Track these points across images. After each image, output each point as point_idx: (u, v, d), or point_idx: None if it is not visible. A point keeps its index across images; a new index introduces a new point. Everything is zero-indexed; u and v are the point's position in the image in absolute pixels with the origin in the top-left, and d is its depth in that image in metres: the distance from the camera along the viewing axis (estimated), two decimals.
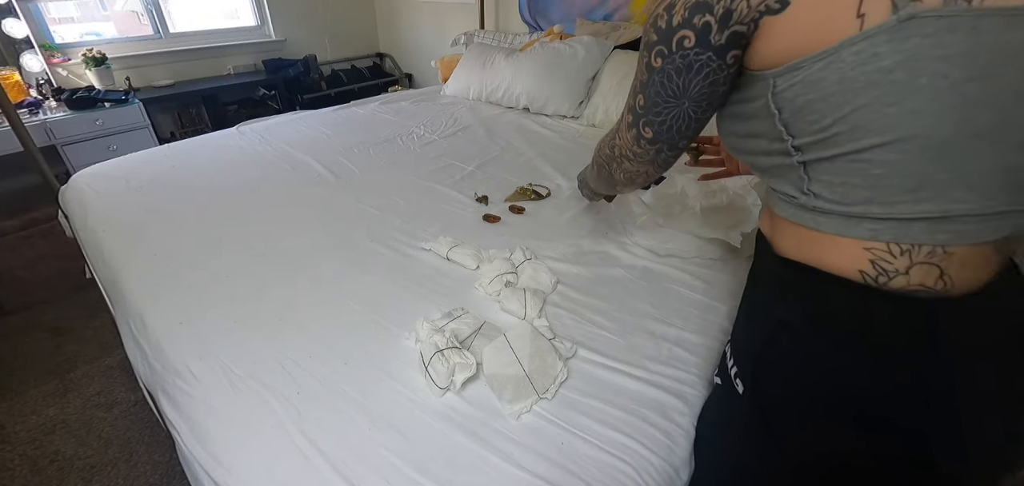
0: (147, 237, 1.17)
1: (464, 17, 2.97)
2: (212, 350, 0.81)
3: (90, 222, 1.28)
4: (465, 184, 1.42)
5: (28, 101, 2.39)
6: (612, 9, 2.25)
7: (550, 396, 0.71)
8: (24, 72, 2.50)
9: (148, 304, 0.95)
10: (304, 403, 0.71)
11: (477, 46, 2.43)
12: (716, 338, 0.84)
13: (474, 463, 0.63)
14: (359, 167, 1.55)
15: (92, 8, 2.78)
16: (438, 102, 2.29)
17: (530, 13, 2.59)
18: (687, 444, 0.68)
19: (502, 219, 1.21)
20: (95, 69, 2.58)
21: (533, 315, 0.85)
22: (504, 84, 2.14)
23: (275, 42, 3.31)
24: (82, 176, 1.51)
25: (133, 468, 1.31)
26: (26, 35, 2.43)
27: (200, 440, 0.69)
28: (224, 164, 1.60)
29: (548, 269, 0.98)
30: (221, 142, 1.80)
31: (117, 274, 1.07)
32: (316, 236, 1.16)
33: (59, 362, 1.65)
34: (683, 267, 1.01)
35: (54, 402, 1.50)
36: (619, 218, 1.18)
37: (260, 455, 0.65)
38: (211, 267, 1.04)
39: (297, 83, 3.22)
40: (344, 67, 3.61)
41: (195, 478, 0.68)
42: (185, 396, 0.75)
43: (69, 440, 1.39)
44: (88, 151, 2.41)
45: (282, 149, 1.71)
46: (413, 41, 3.57)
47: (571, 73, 1.99)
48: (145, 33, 2.93)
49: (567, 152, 1.65)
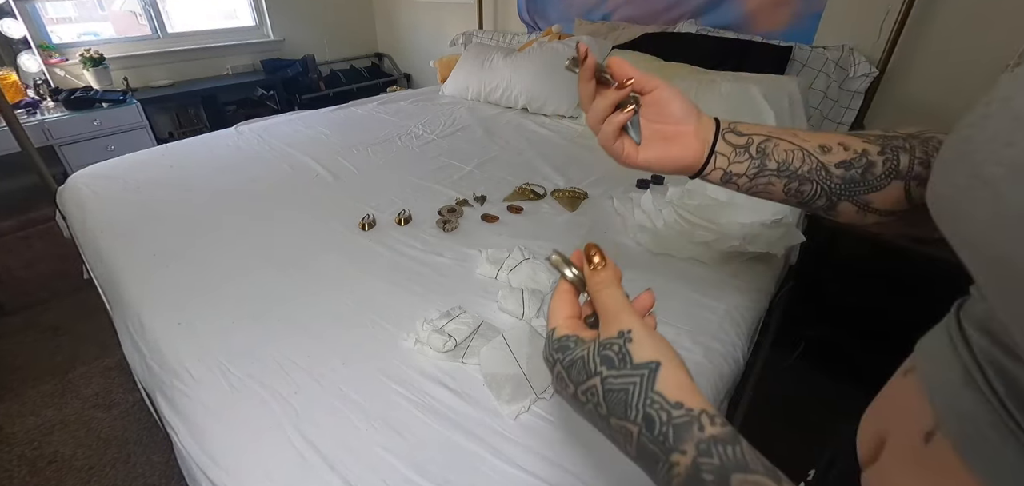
0: (145, 237, 1.17)
1: (463, 17, 2.97)
2: (210, 351, 0.81)
3: (88, 222, 1.27)
4: (464, 184, 1.42)
5: (26, 101, 2.38)
6: (611, 9, 2.25)
7: (548, 396, 0.71)
8: (21, 72, 2.49)
9: (146, 305, 0.95)
10: (302, 403, 0.71)
11: (476, 46, 2.43)
12: (715, 337, 0.84)
13: (472, 463, 0.63)
14: (358, 167, 1.55)
15: (90, 8, 2.77)
16: (437, 102, 2.29)
17: (528, 13, 2.59)
18: None
19: (500, 219, 1.21)
20: (93, 69, 2.58)
21: (531, 315, 0.85)
22: (503, 84, 2.14)
23: (273, 42, 3.31)
24: (80, 176, 1.50)
25: (131, 469, 1.31)
26: (24, 35, 2.43)
27: (198, 441, 0.69)
28: (222, 164, 1.59)
29: (546, 269, 0.98)
30: (219, 142, 1.80)
31: (115, 275, 1.07)
32: (314, 236, 1.15)
33: (57, 363, 1.64)
34: (682, 267, 1.01)
35: (52, 403, 1.50)
36: (618, 218, 1.18)
37: (258, 456, 0.65)
38: (209, 268, 1.04)
39: (295, 83, 3.22)
40: (342, 67, 3.61)
41: (193, 479, 0.67)
42: (183, 397, 0.75)
43: (67, 441, 1.38)
44: (86, 151, 2.40)
45: (280, 149, 1.71)
46: (412, 41, 3.56)
47: (570, 73, 1.98)
48: (143, 33, 2.92)
49: (566, 152, 1.65)
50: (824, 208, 0.45)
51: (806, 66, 1.68)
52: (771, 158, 0.45)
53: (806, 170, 0.44)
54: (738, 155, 0.46)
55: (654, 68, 1.81)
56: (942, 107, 1.52)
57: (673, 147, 0.47)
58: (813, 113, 1.65)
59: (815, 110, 1.66)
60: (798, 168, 0.44)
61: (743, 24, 1.88)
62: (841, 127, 1.66)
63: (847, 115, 1.64)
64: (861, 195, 0.43)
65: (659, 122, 0.47)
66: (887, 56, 1.54)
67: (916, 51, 1.53)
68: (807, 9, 1.71)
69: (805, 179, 0.44)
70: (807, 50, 1.69)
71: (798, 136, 0.46)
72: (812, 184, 0.44)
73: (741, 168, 0.46)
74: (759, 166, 0.46)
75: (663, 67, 1.81)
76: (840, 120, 1.65)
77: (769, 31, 1.82)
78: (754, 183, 0.46)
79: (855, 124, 1.64)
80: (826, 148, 0.44)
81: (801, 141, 0.45)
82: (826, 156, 0.44)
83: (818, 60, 1.65)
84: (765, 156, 0.45)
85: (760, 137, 0.46)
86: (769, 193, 0.47)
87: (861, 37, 1.61)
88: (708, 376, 0.78)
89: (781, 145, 0.45)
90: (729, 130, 0.47)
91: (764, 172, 0.46)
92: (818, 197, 0.45)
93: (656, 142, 0.48)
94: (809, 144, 0.45)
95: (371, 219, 1.20)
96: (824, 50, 1.65)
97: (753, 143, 0.46)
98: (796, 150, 0.45)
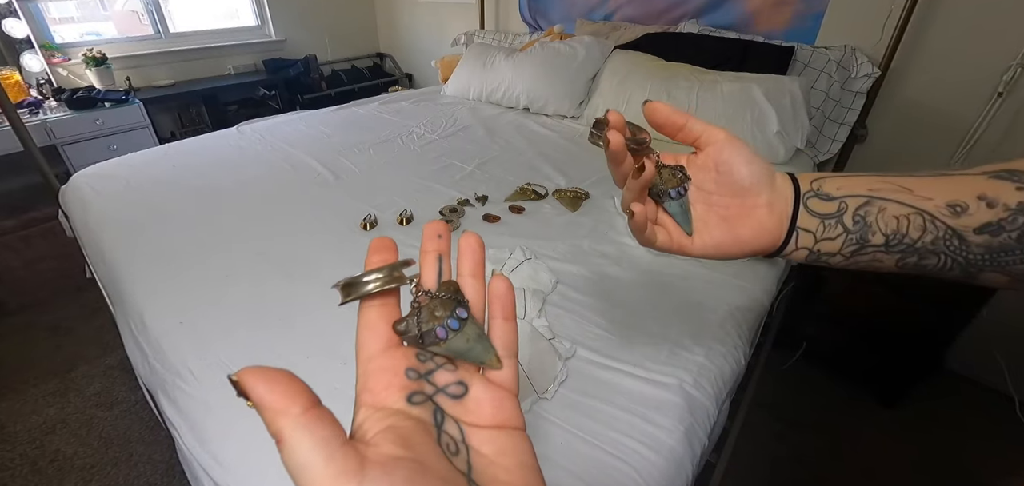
0: (147, 237, 1.17)
1: (464, 17, 2.97)
2: (212, 350, 0.81)
3: (90, 222, 1.28)
4: (465, 184, 1.42)
5: (28, 101, 2.39)
6: (612, 9, 2.25)
7: (549, 396, 0.71)
8: (24, 72, 2.50)
9: (148, 304, 0.95)
10: None
11: (477, 46, 2.43)
12: (716, 338, 0.84)
13: None
14: (359, 167, 1.55)
15: (92, 8, 2.78)
16: (438, 102, 2.29)
17: (530, 13, 2.59)
18: (687, 443, 0.68)
19: (502, 219, 1.21)
20: (95, 69, 2.58)
21: (533, 315, 0.85)
22: (504, 84, 2.14)
23: (275, 42, 3.31)
24: (82, 176, 1.51)
25: (133, 468, 1.31)
26: (26, 35, 2.43)
27: (200, 439, 0.69)
28: (224, 164, 1.60)
29: (548, 269, 0.98)
30: (221, 142, 1.80)
31: (117, 274, 1.07)
32: (316, 236, 1.16)
33: (59, 362, 1.65)
34: (682, 267, 1.01)
35: (54, 402, 1.50)
36: (619, 218, 1.18)
37: (259, 454, 0.65)
38: (211, 267, 1.05)
39: (297, 83, 3.22)
40: (344, 67, 3.61)
41: (195, 477, 0.68)
42: (185, 396, 0.75)
43: (69, 440, 1.39)
44: (88, 151, 2.41)
45: (282, 149, 1.71)
46: (413, 41, 3.57)
47: (571, 73, 1.99)
48: (145, 33, 2.93)
49: (567, 152, 1.65)
50: (958, 279, 0.33)
51: (808, 66, 1.68)
52: (875, 229, 0.32)
53: (929, 241, 0.31)
54: (828, 229, 0.33)
55: (656, 68, 1.81)
56: (945, 107, 1.51)
57: (741, 228, 0.35)
58: (815, 113, 1.64)
59: (817, 110, 1.66)
60: (917, 240, 0.31)
61: (745, 24, 1.88)
62: (843, 128, 1.65)
63: (849, 115, 1.63)
64: (1020, 264, 0.30)
65: (720, 193, 0.35)
66: (889, 56, 1.54)
67: (918, 51, 1.53)
68: (809, 9, 1.71)
69: (928, 252, 0.32)
70: (809, 50, 1.68)
71: (913, 190, 0.32)
72: (939, 257, 0.32)
73: (833, 245, 0.34)
74: (859, 240, 0.33)
75: (664, 67, 1.81)
76: (842, 120, 1.65)
77: (771, 31, 1.82)
78: (853, 262, 0.34)
79: (857, 124, 1.64)
80: (960, 207, 0.30)
81: (919, 199, 0.31)
82: (960, 219, 0.30)
83: (820, 60, 1.65)
84: (867, 228, 0.32)
85: (858, 199, 0.33)
86: (875, 269, 0.34)
87: (863, 37, 1.60)
88: (709, 376, 0.77)
89: (889, 209, 0.32)
90: (813, 193, 0.34)
91: (866, 248, 0.33)
92: (949, 269, 0.32)
93: (716, 224, 0.35)
94: (932, 203, 0.31)
95: (373, 219, 1.20)
96: (826, 50, 1.65)
97: (847, 209, 0.33)
98: (912, 215, 0.31)
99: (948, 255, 0.31)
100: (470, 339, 0.24)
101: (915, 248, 0.32)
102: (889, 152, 1.68)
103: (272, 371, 0.19)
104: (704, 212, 0.36)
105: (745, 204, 0.34)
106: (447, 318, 0.23)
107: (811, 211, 0.34)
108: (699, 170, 0.36)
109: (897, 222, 0.32)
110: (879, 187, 0.33)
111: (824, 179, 0.34)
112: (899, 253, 0.32)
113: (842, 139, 1.66)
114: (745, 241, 0.35)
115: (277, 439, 0.18)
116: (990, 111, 1.41)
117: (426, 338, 0.23)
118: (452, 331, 0.23)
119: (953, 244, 0.31)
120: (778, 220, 0.34)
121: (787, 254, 0.35)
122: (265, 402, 0.18)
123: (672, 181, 0.35)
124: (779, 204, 0.34)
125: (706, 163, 0.35)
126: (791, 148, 1.52)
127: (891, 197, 0.32)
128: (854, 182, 0.33)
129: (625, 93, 1.81)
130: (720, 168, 0.34)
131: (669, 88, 1.71)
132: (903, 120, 1.62)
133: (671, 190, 0.35)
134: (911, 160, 1.61)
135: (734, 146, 0.34)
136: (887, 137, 1.69)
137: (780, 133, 1.50)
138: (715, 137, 0.34)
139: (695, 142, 0.35)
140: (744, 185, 0.34)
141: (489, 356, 0.24)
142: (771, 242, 0.35)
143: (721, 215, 0.35)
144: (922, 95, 1.56)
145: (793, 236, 0.34)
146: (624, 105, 1.79)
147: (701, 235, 0.36)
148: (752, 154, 0.34)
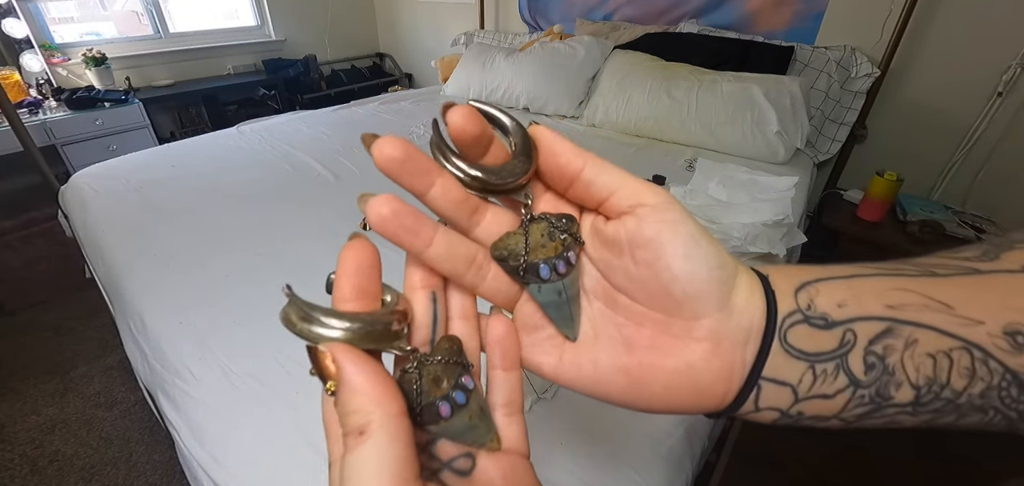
0: (147, 237, 1.17)
1: (464, 17, 2.97)
2: (211, 350, 0.81)
3: (90, 222, 1.28)
4: None
5: (28, 101, 2.39)
6: (612, 9, 2.25)
7: (549, 397, 0.71)
8: (24, 72, 2.50)
9: (148, 304, 0.95)
10: (303, 403, 0.71)
11: (477, 46, 2.43)
12: None
13: None
14: (359, 167, 1.55)
15: (92, 8, 2.78)
16: (438, 102, 2.29)
17: (530, 13, 2.59)
18: (687, 443, 0.68)
19: None
20: (95, 69, 2.58)
21: None
22: (504, 84, 2.14)
23: (275, 42, 3.31)
24: (82, 176, 1.51)
25: (133, 468, 1.31)
26: (26, 35, 2.43)
27: (199, 440, 0.69)
28: (224, 164, 1.60)
29: None
30: (221, 142, 1.80)
31: (116, 274, 1.07)
32: (316, 236, 1.16)
33: (59, 362, 1.65)
34: None
35: (54, 402, 1.50)
36: None
37: (259, 454, 0.65)
38: (211, 267, 1.04)
39: (297, 83, 3.22)
40: (344, 67, 3.61)
41: (194, 478, 0.68)
42: (184, 396, 0.75)
43: (69, 440, 1.39)
44: (88, 151, 2.41)
45: (282, 149, 1.71)
46: (413, 41, 3.57)
47: (571, 73, 1.99)
48: (145, 33, 2.93)
49: None
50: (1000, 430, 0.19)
51: (808, 66, 1.68)
52: (902, 378, 0.18)
53: (978, 392, 0.18)
54: (823, 380, 0.19)
55: (656, 68, 1.81)
56: (945, 107, 1.51)
57: (652, 370, 0.20)
58: (815, 113, 1.65)
59: (817, 110, 1.66)
60: (961, 392, 0.18)
61: (744, 24, 1.88)
62: (843, 128, 1.65)
63: (849, 115, 1.63)
64: None
65: (632, 296, 0.20)
66: (889, 56, 1.54)
67: (918, 51, 1.53)
68: (809, 9, 1.71)
69: (972, 410, 0.18)
70: (809, 50, 1.69)
71: (954, 306, 0.18)
72: (986, 413, 0.18)
73: (830, 405, 0.19)
74: (875, 397, 0.19)
75: (664, 67, 1.80)
76: (842, 120, 1.65)
77: (771, 31, 1.82)
78: (857, 426, 0.20)
79: (857, 124, 1.64)
80: (1022, 336, 0.17)
81: (963, 322, 0.18)
82: (1021, 356, 0.17)
83: (820, 60, 1.65)
84: (888, 376, 0.18)
85: (873, 324, 0.18)
86: (890, 428, 0.20)
87: (863, 37, 1.60)
88: None
89: (922, 342, 0.18)
90: (801, 317, 0.19)
91: (884, 410, 0.19)
92: (992, 424, 0.19)
93: (610, 345, 0.21)
94: (983, 329, 0.18)
95: None
96: (826, 50, 1.65)
97: (856, 343, 0.18)
98: (957, 351, 0.18)
99: (1001, 411, 0.18)
100: (473, 416, 0.18)
101: (955, 405, 0.18)
102: (889, 152, 1.68)
103: (370, 358, 0.16)
104: (597, 316, 0.21)
105: (670, 329, 0.19)
106: (452, 390, 0.18)
107: (794, 351, 0.19)
108: (604, 247, 0.20)
109: (934, 364, 0.18)
110: (903, 300, 0.18)
111: (819, 285, 0.19)
112: (931, 414, 0.19)
113: (842, 139, 1.66)
114: (654, 396, 0.20)
115: (358, 431, 0.15)
116: (990, 111, 1.41)
117: (425, 415, 0.17)
118: (457, 406, 0.18)
119: (1010, 395, 0.18)
120: (725, 368, 0.19)
121: (741, 415, 0.20)
122: (359, 387, 0.15)
123: (547, 247, 0.20)
124: (731, 340, 0.19)
125: (617, 239, 0.19)
126: (791, 148, 1.52)
127: (924, 321, 0.18)
128: (864, 289, 0.19)
129: (625, 93, 1.81)
130: (638, 255, 0.19)
131: (669, 88, 1.71)
132: (903, 120, 1.62)
133: (542, 262, 0.19)
134: (911, 159, 1.61)
135: (669, 221, 0.18)
136: (887, 137, 1.69)
137: (780, 133, 1.50)
138: (639, 197, 0.19)
139: (602, 205, 0.20)
140: (674, 294, 0.19)
141: (490, 437, 0.19)
142: (707, 403, 0.20)
143: (623, 335, 0.20)
144: (922, 95, 1.56)
145: (754, 392, 0.19)
146: (624, 105, 1.79)
147: (580, 353, 0.21)
148: (697, 238, 0.19)
